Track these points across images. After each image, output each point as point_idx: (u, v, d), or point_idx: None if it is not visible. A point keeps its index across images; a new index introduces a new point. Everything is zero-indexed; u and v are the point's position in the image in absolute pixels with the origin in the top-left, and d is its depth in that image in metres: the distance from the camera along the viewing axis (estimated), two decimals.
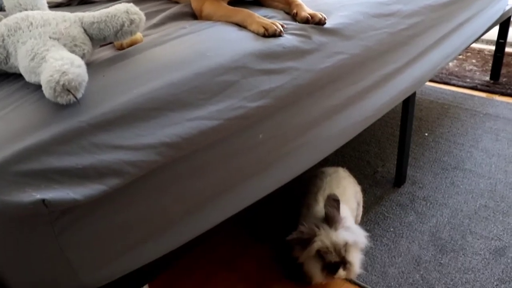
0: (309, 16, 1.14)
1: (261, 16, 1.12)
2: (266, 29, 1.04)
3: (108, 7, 1.26)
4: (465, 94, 2.50)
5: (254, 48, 0.98)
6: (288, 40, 1.03)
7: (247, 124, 0.95)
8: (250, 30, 1.07)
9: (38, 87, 0.87)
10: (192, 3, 1.26)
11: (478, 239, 1.50)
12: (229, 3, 1.23)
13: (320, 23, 1.14)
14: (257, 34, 1.05)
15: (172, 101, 0.84)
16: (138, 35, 1.03)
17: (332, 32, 1.12)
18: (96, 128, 0.78)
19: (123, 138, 0.78)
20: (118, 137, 0.78)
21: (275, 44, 1.00)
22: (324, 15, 1.16)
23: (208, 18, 1.20)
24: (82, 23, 0.95)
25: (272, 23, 1.06)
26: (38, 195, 0.71)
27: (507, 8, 2.33)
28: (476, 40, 2.10)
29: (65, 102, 0.79)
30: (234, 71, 0.92)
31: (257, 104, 0.94)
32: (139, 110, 0.81)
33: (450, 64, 2.88)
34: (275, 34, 1.04)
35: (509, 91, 2.49)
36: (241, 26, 1.09)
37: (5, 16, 1.01)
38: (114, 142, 0.78)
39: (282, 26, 1.07)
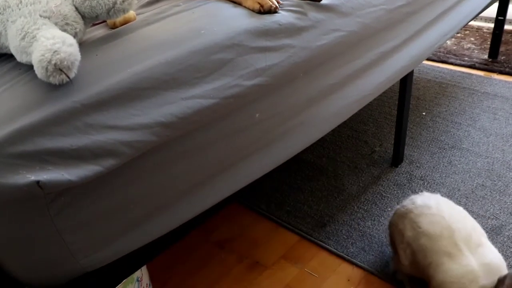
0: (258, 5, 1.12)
1: None
2: (261, 5, 1.02)
3: None
4: (463, 72, 2.48)
5: (249, 25, 0.96)
6: (284, 17, 1.01)
7: (243, 103, 0.94)
8: (245, 7, 1.04)
9: (30, 67, 0.85)
10: None
11: (475, 218, 1.50)
12: None
13: (270, 11, 1.11)
14: (252, 10, 1.03)
15: (167, 80, 0.82)
16: (131, 13, 1.01)
17: (328, 8, 1.10)
18: (90, 108, 0.76)
19: (117, 118, 0.77)
20: (113, 117, 0.77)
21: (271, 21, 0.98)
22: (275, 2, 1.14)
23: None
24: (73, 1, 0.93)
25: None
26: (33, 176, 0.70)
27: None
28: (475, 17, 2.08)
29: (58, 82, 0.77)
30: (229, 49, 0.91)
31: (253, 82, 0.93)
32: (134, 89, 0.79)
33: (448, 42, 2.86)
34: (270, 11, 1.02)
35: (507, 69, 2.47)
36: (235, 2, 1.07)
37: None
38: (108, 122, 0.76)
39: (278, 2, 1.05)
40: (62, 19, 0.89)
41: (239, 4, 1.06)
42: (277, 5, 1.03)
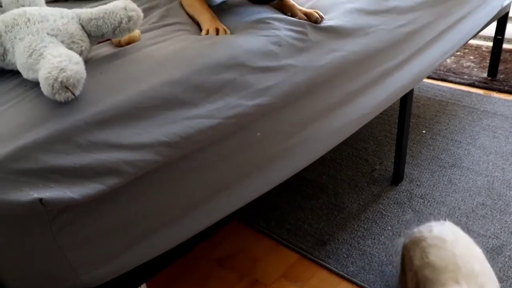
0: (304, 16, 1.15)
1: (217, 21, 1.13)
2: (207, 32, 1.08)
3: (105, 3, 1.25)
4: (462, 91, 2.50)
5: (251, 45, 0.98)
6: (285, 37, 1.03)
7: (245, 122, 0.95)
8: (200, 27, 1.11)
9: (36, 84, 0.87)
10: None
11: (475, 238, 1.50)
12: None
13: (316, 22, 1.14)
14: (202, 34, 1.08)
15: (170, 99, 0.83)
16: (136, 32, 1.02)
17: (329, 29, 1.12)
18: (94, 126, 0.77)
19: (121, 137, 0.78)
20: (116, 136, 0.78)
21: (272, 42, 1.00)
22: (320, 13, 1.16)
23: (185, 8, 1.23)
24: (80, 19, 0.95)
25: (217, 28, 1.08)
26: (36, 194, 0.70)
27: (505, 3, 2.33)
28: (474, 36, 2.10)
29: (63, 99, 0.78)
30: (231, 69, 0.92)
31: (255, 102, 0.94)
32: (137, 108, 0.80)
33: (448, 60, 2.88)
34: None
35: (506, 88, 2.49)
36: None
37: (2, 12, 1.00)
38: (111, 140, 0.77)
39: (225, 33, 1.09)
40: (68, 37, 0.91)
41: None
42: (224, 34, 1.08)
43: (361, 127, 1.35)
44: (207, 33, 1.08)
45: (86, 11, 0.95)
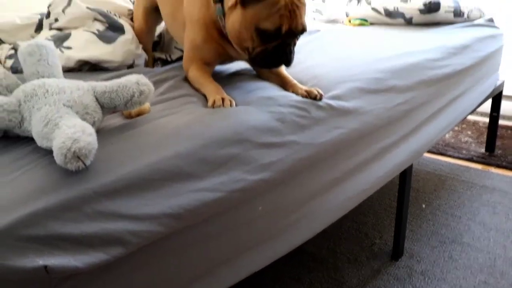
0: (305, 93, 1.21)
1: (223, 92, 1.19)
2: (213, 102, 1.12)
3: (118, 76, 1.32)
4: (461, 165, 2.54)
5: (256, 121, 1.03)
6: (289, 114, 1.08)
7: (248, 196, 0.97)
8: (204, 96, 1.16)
9: (48, 152, 0.90)
10: (183, 63, 1.36)
11: None
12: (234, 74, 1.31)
13: (316, 99, 1.19)
14: (208, 106, 1.12)
15: (177, 172, 0.86)
16: (146, 104, 1.07)
17: (330, 107, 1.18)
18: (102, 196, 0.80)
19: (127, 207, 0.80)
20: (123, 206, 0.80)
21: (276, 118, 1.05)
22: (320, 91, 1.22)
23: (190, 81, 1.29)
24: (94, 92, 1.00)
25: (223, 98, 1.13)
26: (41, 261, 0.71)
27: (498, 83, 2.44)
28: (470, 113, 2.18)
29: (75, 168, 0.81)
30: (237, 144, 0.96)
31: (258, 177, 0.97)
32: (145, 180, 0.83)
33: (446, 135, 2.95)
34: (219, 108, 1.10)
35: (504, 163, 2.53)
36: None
37: (21, 78, 1.06)
38: (118, 210, 0.79)
39: (231, 103, 1.13)
40: (83, 108, 0.96)
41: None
42: (229, 106, 1.11)
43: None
44: (214, 103, 1.11)
45: (100, 84, 1.01)
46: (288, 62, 1.20)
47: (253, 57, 1.18)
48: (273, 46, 1.15)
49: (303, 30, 1.18)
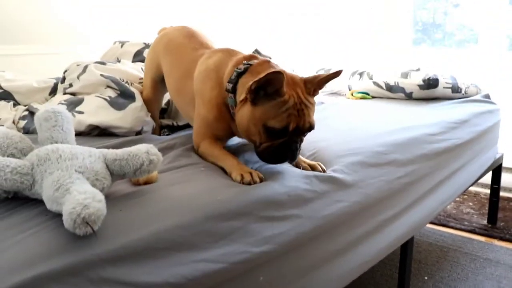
0: (309, 167, 1.25)
1: (244, 165, 1.21)
2: (242, 178, 1.13)
3: (127, 142, 1.37)
4: (463, 237, 2.52)
5: (261, 194, 1.06)
6: (294, 188, 1.12)
7: (250, 267, 0.98)
8: (231, 177, 1.17)
9: (55, 215, 0.92)
10: (193, 137, 1.39)
11: None
12: (239, 145, 1.35)
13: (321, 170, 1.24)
14: (234, 180, 1.14)
15: (181, 242, 0.89)
16: (154, 173, 1.11)
17: (333, 181, 1.21)
18: (107, 262, 0.81)
19: (131, 275, 0.81)
20: (126, 274, 0.81)
21: (281, 192, 1.09)
22: (323, 166, 1.26)
23: (202, 156, 1.31)
24: (105, 159, 1.04)
25: (251, 172, 1.15)
26: None
27: (497, 156, 2.48)
28: (471, 186, 2.20)
29: (82, 233, 0.83)
30: (240, 216, 0.99)
31: (261, 249, 0.99)
32: (149, 249, 0.85)
33: (448, 206, 2.95)
34: (250, 184, 1.12)
35: (507, 236, 2.51)
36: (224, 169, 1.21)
37: (33, 139, 1.10)
38: (122, 278, 0.80)
39: (260, 178, 1.15)
40: (94, 174, 0.99)
41: (229, 173, 1.18)
42: (258, 180, 1.13)
43: None
44: (242, 178, 1.13)
45: (111, 152, 1.05)
46: (293, 158, 1.20)
47: (259, 151, 1.20)
48: (279, 143, 1.17)
49: (310, 128, 1.20)
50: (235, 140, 1.47)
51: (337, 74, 1.23)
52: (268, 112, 1.16)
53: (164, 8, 3.40)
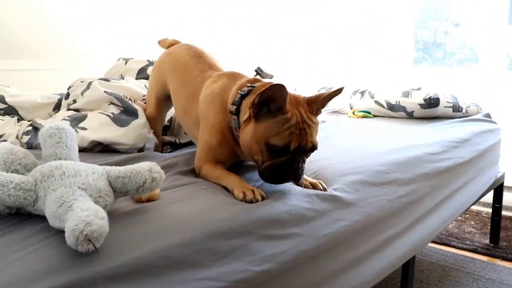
0: (310, 185, 1.26)
1: (246, 183, 1.21)
2: (244, 195, 1.14)
3: (129, 158, 1.37)
4: (466, 256, 2.51)
5: (262, 213, 1.06)
6: (295, 206, 1.12)
7: (250, 286, 0.98)
8: (233, 194, 1.17)
9: (58, 231, 0.92)
10: (195, 161, 1.39)
11: None
12: (237, 164, 1.35)
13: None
14: (237, 198, 1.14)
15: (182, 260, 0.89)
16: (157, 190, 1.11)
17: (334, 200, 1.22)
18: (108, 280, 0.81)
19: None
20: None
21: (283, 211, 1.09)
22: (324, 185, 1.27)
23: (204, 178, 1.32)
24: (108, 176, 1.05)
25: (253, 190, 1.15)
26: None
27: (499, 175, 2.48)
28: (472, 205, 2.20)
29: (85, 250, 0.83)
30: (242, 235, 0.99)
31: (262, 268, 0.99)
32: (151, 266, 0.85)
33: (449, 225, 2.94)
34: (252, 202, 1.12)
35: (510, 255, 2.50)
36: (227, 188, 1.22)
37: (37, 155, 1.11)
38: None
39: (262, 196, 1.15)
40: (96, 191, 1.00)
41: (232, 191, 1.19)
42: (260, 198, 1.14)
43: None
44: (244, 196, 1.13)
45: (114, 169, 1.06)
46: (296, 178, 1.20)
47: (261, 170, 1.20)
48: (281, 161, 1.17)
49: (312, 147, 1.20)
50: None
51: (338, 91, 1.24)
52: (271, 129, 1.17)
53: (166, 20, 3.45)
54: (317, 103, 1.23)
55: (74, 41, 3.01)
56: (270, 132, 1.17)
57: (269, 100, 1.16)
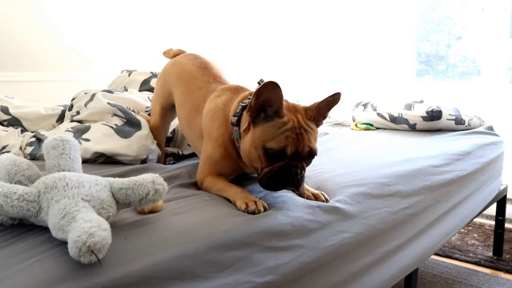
0: (312, 196, 1.26)
1: (249, 194, 1.22)
2: (247, 206, 1.14)
3: (132, 170, 1.38)
4: (469, 269, 2.49)
5: (265, 224, 1.06)
6: (297, 218, 1.12)
7: None
8: (236, 206, 1.17)
9: (60, 242, 0.92)
10: (197, 174, 1.40)
11: None
12: (240, 176, 1.36)
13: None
14: (239, 209, 1.15)
15: (184, 272, 0.89)
16: (160, 202, 1.12)
17: (336, 211, 1.22)
18: None
19: None
20: None
21: (285, 223, 1.09)
22: (326, 196, 1.27)
23: (206, 190, 1.32)
24: (111, 187, 1.05)
25: (255, 201, 1.15)
26: None
27: (502, 187, 2.48)
28: (475, 217, 2.19)
29: (87, 262, 0.83)
30: (244, 247, 0.99)
31: (264, 279, 0.99)
32: (152, 278, 0.85)
33: (452, 237, 2.92)
34: (254, 212, 1.12)
35: None
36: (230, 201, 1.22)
37: (41, 166, 1.11)
38: None
39: (264, 207, 1.15)
40: (99, 203, 1.00)
41: (234, 202, 1.19)
42: (262, 209, 1.14)
43: None
44: (247, 207, 1.13)
45: (117, 181, 1.06)
46: (295, 185, 1.19)
47: (260, 177, 1.21)
48: (279, 166, 1.17)
49: (311, 153, 1.20)
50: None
51: (335, 97, 1.24)
52: (267, 132, 1.18)
53: (170, 31, 3.48)
54: (314, 109, 1.24)
55: (78, 53, 3.04)
56: (266, 136, 1.18)
57: (266, 105, 1.18)
